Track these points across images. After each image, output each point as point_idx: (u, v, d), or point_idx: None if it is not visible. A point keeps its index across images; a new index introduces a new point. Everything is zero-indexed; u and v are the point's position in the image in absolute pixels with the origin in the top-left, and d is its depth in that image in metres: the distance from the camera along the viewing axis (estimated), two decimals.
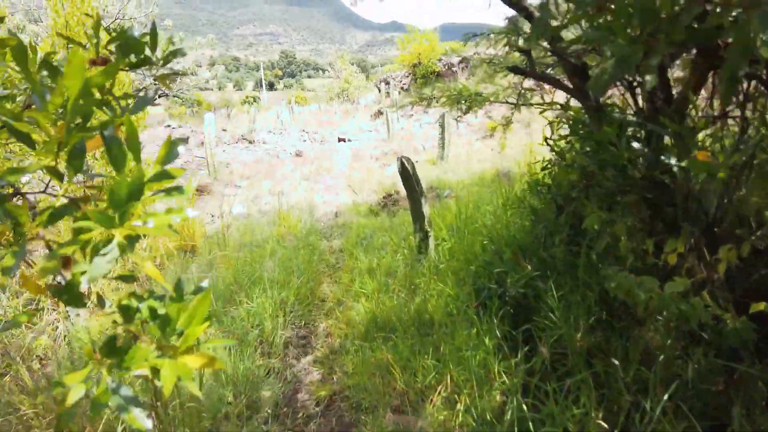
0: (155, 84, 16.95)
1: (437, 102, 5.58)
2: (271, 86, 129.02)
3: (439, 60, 21.86)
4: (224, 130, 14.68)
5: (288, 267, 4.65)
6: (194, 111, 28.30)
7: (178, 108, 29.04)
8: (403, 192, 8.47)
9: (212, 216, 8.10)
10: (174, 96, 18.91)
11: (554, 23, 1.36)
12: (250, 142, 13.10)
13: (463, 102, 5.07)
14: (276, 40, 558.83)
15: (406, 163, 4.95)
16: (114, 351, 0.65)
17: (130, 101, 0.91)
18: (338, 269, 5.38)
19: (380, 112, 21.72)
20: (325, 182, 9.73)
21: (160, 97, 18.23)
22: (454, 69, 21.02)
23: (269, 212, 7.89)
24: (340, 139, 14.87)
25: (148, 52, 0.93)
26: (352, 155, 11.92)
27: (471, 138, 12.11)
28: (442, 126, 9.43)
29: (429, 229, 4.94)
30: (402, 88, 23.74)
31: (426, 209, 4.80)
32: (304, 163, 10.98)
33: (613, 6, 0.96)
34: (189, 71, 19.15)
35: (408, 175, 4.68)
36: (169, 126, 14.62)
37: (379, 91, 26.37)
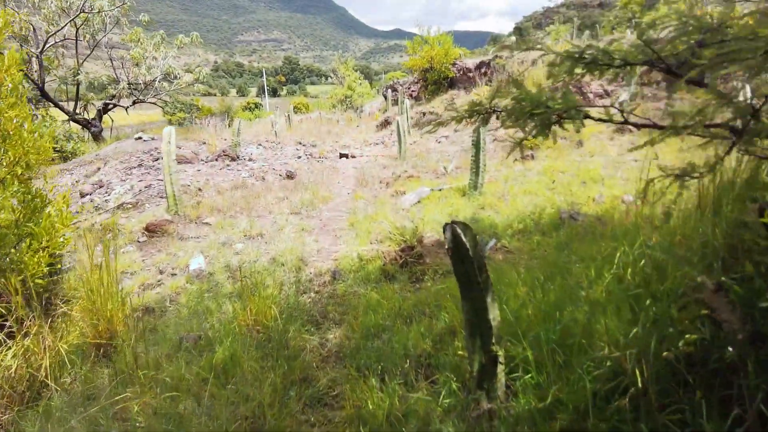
0: (131, 88, 14.71)
1: (496, 117, 3.51)
2: (274, 92, 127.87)
3: (453, 64, 19.60)
4: (204, 143, 12.40)
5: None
6: (194, 117, 26.23)
7: (176, 114, 26.93)
8: (428, 239, 6.13)
9: (161, 273, 5.79)
10: (152, 102, 16.68)
11: None
12: (233, 159, 10.81)
13: (549, 117, 2.94)
14: (279, 46, 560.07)
15: (461, 233, 2.64)
16: None
17: None
18: (334, 409, 3.11)
19: (387, 122, 19.45)
20: (321, 217, 7.41)
21: (135, 103, 16.04)
22: (470, 74, 18.76)
23: (241, 268, 5.59)
24: (342, 155, 12.57)
25: None
26: (357, 178, 9.61)
27: (502, 155, 9.77)
28: (477, 144, 7.11)
29: (498, 351, 2.67)
30: (410, 95, 21.50)
31: (494, 313, 2.53)
32: (296, 189, 8.67)
33: None
34: (174, 74, 16.94)
35: (463, 253, 2.41)
36: (139, 138, 12.35)
37: (385, 98, 24.14)
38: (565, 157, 8.40)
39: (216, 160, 10.73)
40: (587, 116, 3.19)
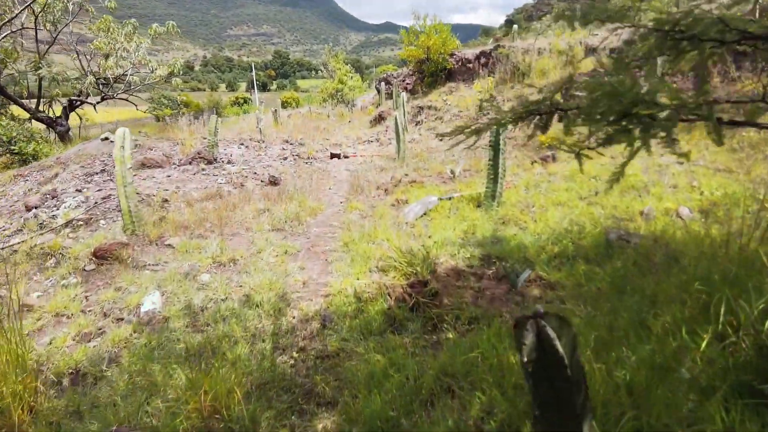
0: (98, 82, 13.32)
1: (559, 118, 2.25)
2: (264, 87, 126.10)
3: (451, 55, 18.36)
4: (180, 143, 11.09)
5: None
6: (181, 113, 24.91)
7: (162, 110, 25.53)
8: (442, 267, 4.95)
9: (105, 316, 4.56)
10: (123, 98, 15.26)
11: None
12: (209, 163, 9.52)
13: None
14: (269, 40, 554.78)
15: (553, 337, 1.16)
16: None
17: None
18: None
19: (381, 117, 18.20)
20: (309, 235, 6.19)
21: (104, 99, 14.60)
22: (470, 65, 17.52)
23: (205, 311, 4.37)
24: (333, 155, 11.33)
25: None
26: (351, 183, 8.38)
27: (517, 156, 8.58)
28: (495, 146, 5.92)
29: None
30: (405, 88, 20.24)
31: None
32: (280, 199, 7.43)
33: None
34: (149, 67, 15.54)
35: (556, 369, 1.06)
36: (106, 139, 11.00)
37: (378, 92, 22.86)
38: (594, 158, 7.22)
39: (189, 163, 9.44)
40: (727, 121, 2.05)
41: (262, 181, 8.53)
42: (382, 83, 22.84)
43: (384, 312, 4.00)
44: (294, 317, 4.17)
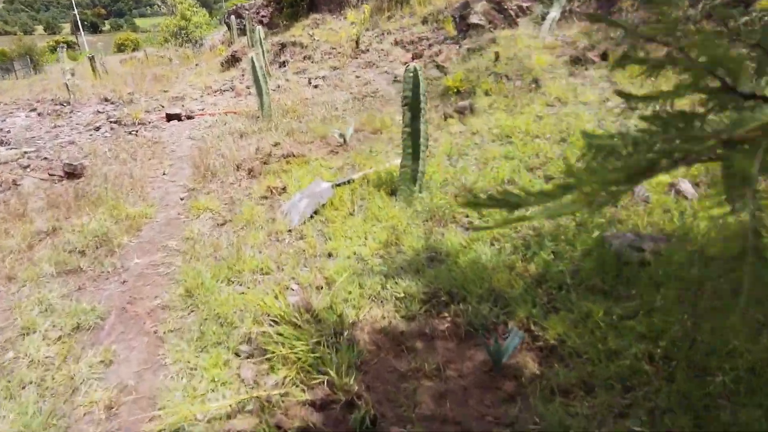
0: None
1: None
2: (94, 28, 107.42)
3: None
4: None
5: None
6: None
7: None
8: (369, 329, 2.88)
9: None
10: None
11: None
12: None
13: None
14: None
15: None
16: None
17: None
18: None
19: (235, 58, 14.88)
20: (124, 276, 3.69)
21: None
22: None
23: None
24: (171, 117, 8.33)
25: None
26: (196, 162, 5.75)
27: (432, 115, 6.58)
28: (414, 105, 3.85)
29: None
30: (261, 22, 16.86)
31: None
32: (78, 206, 4.64)
33: None
34: None
35: None
36: None
37: (229, 27, 19.06)
38: (521, 106, 5.51)
39: None
40: None
41: (52, 175, 5.51)
42: (232, 17, 19.00)
43: None
44: None
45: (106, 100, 9.88)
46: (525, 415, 2.18)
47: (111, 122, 7.82)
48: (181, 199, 4.96)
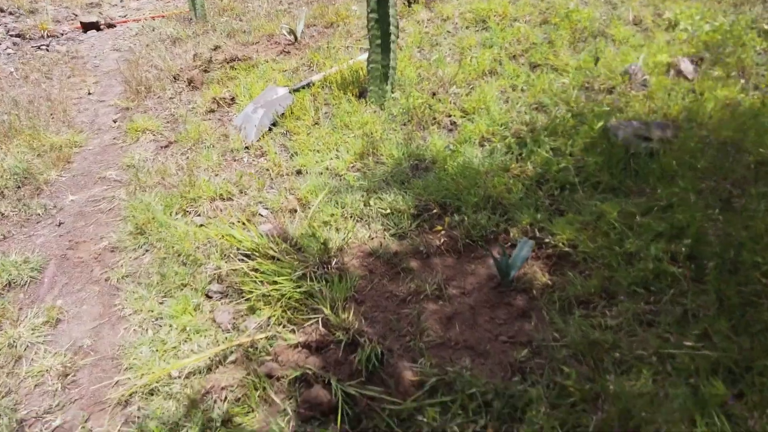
0: None
1: None
2: None
3: None
4: None
5: None
6: None
7: None
8: (358, 252, 2.54)
9: None
10: None
11: None
12: None
13: None
14: None
15: None
16: None
17: None
18: None
19: None
20: (59, 216, 3.15)
21: None
22: None
23: None
24: (86, 26, 7.12)
25: None
26: (126, 77, 4.91)
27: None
28: None
29: None
30: None
31: None
32: None
33: None
34: None
35: None
36: None
37: None
38: None
39: None
40: None
41: None
42: None
43: None
44: None
45: (1, 10, 8.33)
46: (542, 332, 1.97)
47: (12, 36, 6.59)
48: (114, 121, 4.25)
